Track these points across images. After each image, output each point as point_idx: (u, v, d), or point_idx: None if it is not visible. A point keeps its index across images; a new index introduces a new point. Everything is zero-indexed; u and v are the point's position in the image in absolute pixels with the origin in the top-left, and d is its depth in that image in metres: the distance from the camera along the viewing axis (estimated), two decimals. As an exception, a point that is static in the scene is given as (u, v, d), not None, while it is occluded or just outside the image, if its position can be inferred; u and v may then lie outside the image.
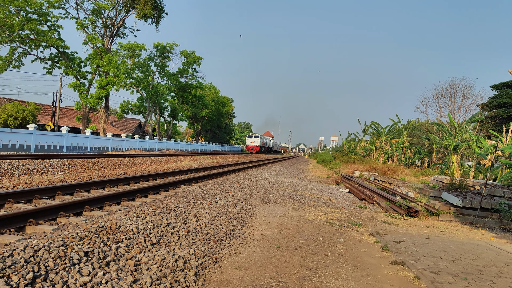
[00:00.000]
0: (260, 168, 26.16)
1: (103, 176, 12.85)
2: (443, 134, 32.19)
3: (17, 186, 9.26)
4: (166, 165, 21.33)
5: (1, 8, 30.01)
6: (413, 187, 18.16)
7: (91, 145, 32.12)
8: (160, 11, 40.48)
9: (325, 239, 7.32)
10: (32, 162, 14.19)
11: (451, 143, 27.49)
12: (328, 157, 51.23)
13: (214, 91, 74.21)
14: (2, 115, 32.12)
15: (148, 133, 59.51)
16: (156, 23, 40.90)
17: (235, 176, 17.25)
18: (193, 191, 10.44)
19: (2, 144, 22.55)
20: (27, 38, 31.80)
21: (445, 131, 30.27)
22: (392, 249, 6.88)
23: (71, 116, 55.83)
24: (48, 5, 32.67)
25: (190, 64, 54.94)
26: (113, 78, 35.32)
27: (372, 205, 13.25)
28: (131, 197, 8.76)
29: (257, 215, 9.18)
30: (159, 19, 40.90)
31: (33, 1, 31.29)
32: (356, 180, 20.82)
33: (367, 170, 28.46)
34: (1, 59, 31.39)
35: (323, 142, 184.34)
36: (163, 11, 40.91)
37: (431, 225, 10.13)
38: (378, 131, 46.47)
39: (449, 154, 28.58)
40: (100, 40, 36.17)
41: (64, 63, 34.24)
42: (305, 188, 16.46)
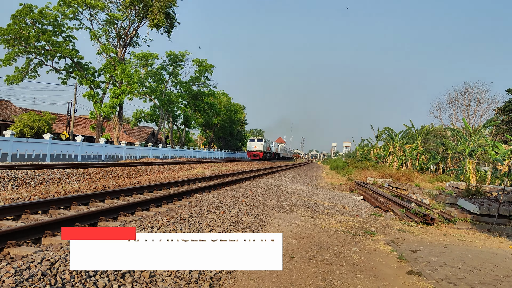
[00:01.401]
0: (273, 175, 26.12)
1: (117, 186, 12.96)
2: (458, 139, 31.79)
3: (33, 196, 9.38)
4: (179, 173, 21.43)
5: (18, 21, 30.68)
6: (428, 194, 17.93)
7: (105, 154, 32.46)
8: (172, 21, 40.93)
9: (340, 249, 7.25)
10: (48, 172, 14.38)
11: (466, 148, 27.11)
12: (341, 164, 50.93)
13: (226, 98, 74.53)
14: (19, 125, 32.66)
15: (161, 141, 59.97)
16: (169, 32, 41.37)
17: (248, 184, 17.23)
18: (207, 200, 10.46)
19: (19, 153, 22.93)
20: (42, 49, 32.41)
21: (460, 136, 29.88)
22: (408, 259, 6.78)
23: (85, 125, 56.56)
24: (63, 16, 33.29)
25: (202, 72, 55.32)
26: (126, 87, 35.74)
27: (387, 212, 13.10)
28: (145, 206, 8.81)
29: (270, 224, 9.15)
30: (172, 28, 41.36)
31: (49, 13, 31.92)
32: (370, 187, 20.65)
33: (381, 176, 28.20)
34: (18, 70, 32.03)
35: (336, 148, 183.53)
36: (175, 20, 41.37)
37: (447, 233, 9.97)
38: (391, 136, 46.09)
39: (464, 160, 28.18)
40: (113, 50, 36.67)
41: (78, 73, 34.78)
42: (318, 195, 16.37)
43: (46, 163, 21.75)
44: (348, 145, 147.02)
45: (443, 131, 40.49)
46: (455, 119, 40.57)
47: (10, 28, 30.26)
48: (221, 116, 67.04)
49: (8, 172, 12.91)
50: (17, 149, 22.81)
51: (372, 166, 37.84)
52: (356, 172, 34.24)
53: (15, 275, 3.66)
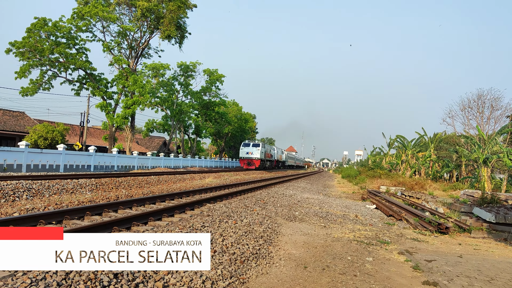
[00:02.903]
0: (284, 184, 26.04)
1: (130, 196, 13.04)
2: (471, 147, 31.39)
3: (47, 207, 9.49)
4: (191, 182, 21.49)
5: (32, 34, 31.30)
6: (442, 202, 17.69)
7: (117, 164, 32.73)
8: (183, 31, 41.37)
9: (353, 258, 7.17)
10: (62, 182, 14.54)
11: (480, 156, 26.74)
12: (353, 172, 50.56)
13: (237, 107, 74.80)
14: (33, 136, 33.15)
15: (173, 151, 60.30)
16: (180, 43, 41.79)
17: (259, 193, 17.21)
18: (218, 209, 10.46)
19: (33, 164, 23.24)
20: (56, 61, 32.96)
21: (474, 144, 29.51)
22: (423, 269, 6.68)
23: (98, 135, 57.17)
24: (76, 29, 33.87)
25: (213, 82, 55.69)
26: (138, 98, 36.10)
27: (400, 221, 12.95)
28: (157, 216, 8.84)
29: (283, 234, 9.10)
30: (183, 39, 41.78)
31: (62, 26, 32.52)
32: (383, 195, 20.45)
33: (393, 184, 27.93)
34: (32, 82, 32.59)
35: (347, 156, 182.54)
36: (186, 31, 41.79)
37: (463, 242, 9.81)
38: (403, 144, 45.69)
39: (479, 167, 27.79)
40: (125, 61, 37.14)
41: (91, 84, 35.26)
42: (330, 204, 16.26)
43: (60, 173, 22.00)
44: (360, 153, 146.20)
45: (456, 139, 40.01)
46: (468, 126, 40.06)
47: (25, 41, 30.87)
48: (232, 125, 67.24)
49: (23, 183, 13.08)
50: (31, 160, 23.13)
51: (384, 175, 37.52)
52: (369, 180, 33.97)
53: (31, 286, 3.70)
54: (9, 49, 30.96)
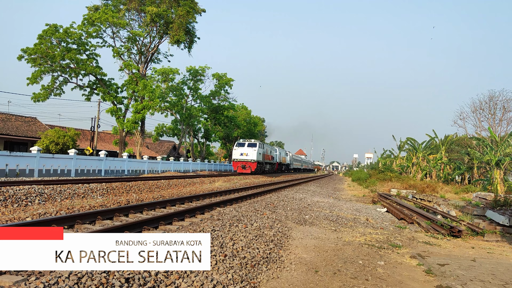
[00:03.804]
0: (294, 188, 25.97)
1: (140, 200, 13.10)
2: (483, 149, 31.01)
3: (59, 211, 9.57)
4: (200, 186, 21.54)
5: (44, 40, 31.70)
6: (454, 205, 17.50)
7: (128, 168, 32.94)
8: (192, 36, 41.58)
9: (364, 262, 7.12)
10: (73, 187, 14.67)
11: (493, 158, 26.42)
12: (363, 175, 50.27)
13: (246, 111, 74.87)
14: (45, 141, 33.51)
15: (183, 155, 60.50)
16: (189, 47, 41.99)
17: (269, 196, 17.18)
18: (228, 213, 10.46)
19: (45, 169, 23.49)
20: (67, 67, 33.33)
21: (486, 146, 29.17)
22: (436, 273, 6.60)
23: (108, 140, 57.61)
24: (87, 35, 34.24)
25: (222, 86, 55.83)
26: (148, 103, 36.32)
27: (412, 224, 12.83)
28: (168, 220, 8.87)
29: (293, 238, 9.07)
30: (192, 44, 41.98)
31: (73, 32, 32.90)
32: (394, 198, 20.29)
33: (404, 187, 27.71)
34: (44, 88, 32.97)
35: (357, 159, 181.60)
36: (195, 35, 42.00)
37: (476, 246, 9.69)
38: (414, 147, 45.33)
39: (491, 170, 27.45)
40: (135, 66, 37.43)
41: (101, 89, 35.58)
42: (341, 208, 16.17)
43: (71, 178, 22.20)
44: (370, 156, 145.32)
45: (467, 141, 39.55)
46: (480, 128, 39.57)
47: (36, 48, 31.27)
48: (241, 129, 67.29)
49: (35, 188, 13.22)
50: (43, 165, 23.37)
51: (395, 177, 37.23)
52: (379, 183, 33.74)
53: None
54: (21, 56, 31.37)
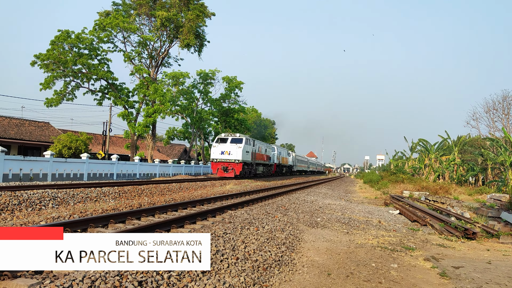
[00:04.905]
0: (305, 190, 25.89)
1: (152, 203, 13.16)
2: (497, 150, 30.58)
3: (73, 215, 9.66)
4: (211, 189, 21.58)
5: (56, 46, 32.15)
6: (468, 207, 17.26)
7: (139, 172, 33.16)
8: (202, 40, 41.78)
9: (377, 265, 7.05)
10: (86, 191, 14.80)
11: (507, 159, 26.04)
12: (375, 177, 49.89)
13: (256, 114, 74.94)
14: (58, 145, 33.91)
15: (194, 158, 60.73)
16: (199, 51, 42.20)
17: (280, 199, 17.15)
18: (240, 216, 10.45)
19: (58, 173, 23.75)
20: (79, 72, 33.74)
21: (500, 146, 28.75)
22: (450, 275, 6.51)
23: (120, 144, 58.08)
24: (98, 40, 34.64)
25: (232, 89, 55.96)
26: (159, 106, 36.56)
27: (425, 227, 12.68)
28: (180, 224, 8.89)
29: (305, 240, 9.02)
30: (202, 48, 42.19)
31: (85, 38, 33.31)
32: (406, 200, 20.10)
33: (417, 189, 27.42)
34: (56, 93, 33.42)
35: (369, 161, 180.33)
36: (205, 39, 42.21)
37: (491, 248, 9.54)
38: (426, 148, 44.85)
39: (505, 171, 27.04)
40: (146, 71, 37.73)
41: (113, 94, 35.92)
42: (353, 210, 16.07)
43: (84, 182, 22.42)
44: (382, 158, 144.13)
45: (481, 141, 39.00)
46: (493, 129, 38.99)
47: (49, 53, 31.72)
48: (252, 132, 67.34)
49: (48, 192, 13.37)
50: (56, 169, 23.64)
51: (407, 179, 36.86)
52: (391, 185, 33.43)
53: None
54: (34, 62, 31.86)
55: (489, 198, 17.31)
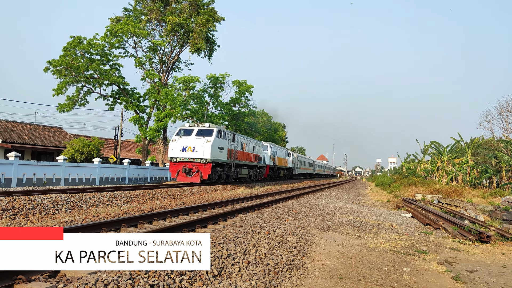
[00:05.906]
0: (316, 193, 25.80)
1: (163, 207, 13.23)
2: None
3: (85, 219, 9.75)
4: (222, 193, 21.61)
5: (68, 52, 32.58)
6: (482, 210, 17.03)
7: (150, 176, 33.35)
8: (212, 44, 42.00)
9: (390, 269, 6.99)
10: (98, 195, 14.93)
11: (521, 161, 25.64)
12: (387, 180, 49.51)
13: (266, 117, 74.95)
14: (70, 150, 34.26)
15: (204, 162, 60.82)
16: (209, 56, 42.44)
17: (291, 203, 17.11)
18: (251, 220, 10.45)
19: (71, 178, 24.01)
20: (91, 77, 34.12)
21: (514, 148, 28.34)
22: (464, 279, 6.43)
23: (131, 148, 58.52)
24: (110, 46, 35.01)
25: (242, 93, 56.08)
26: (170, 111, 36.77)
27: (438, 230, 12.55)
28: (191, 227, 8.92)
29: (316, 244, 8.99)
30: (212, 52, 42.42)
31: (96, 44, 33.70)
32: (419, 203, 19.91)
33: (429, 192, 27.16)
34: (69, 99, 33.82)
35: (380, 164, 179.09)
36: (215, 44, 42.42)
37: (506, 252, 9.39)
38: (438, 150, 44.41)
39: (520, 173, 26.62)
40: (157, 75, 38.01)
41: (124, 99, 36.25)
42: (364, 214, 15.96)
43: (96, 186, 22.62)
44: (394, 161, 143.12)
45: (495, 143, 38.48)
46: (507, 131, 38.46)
47: (61, 60, 32.14)
48: (262, 135, 67.35)
49: (61, 196, 13.52)
50: (69, 174, 23.91)
51: (419, 182, 36.53)
52: (403, 188, 33.16)
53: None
54: (47, 68, 32.31)
55: (504, 201, 17.07)
